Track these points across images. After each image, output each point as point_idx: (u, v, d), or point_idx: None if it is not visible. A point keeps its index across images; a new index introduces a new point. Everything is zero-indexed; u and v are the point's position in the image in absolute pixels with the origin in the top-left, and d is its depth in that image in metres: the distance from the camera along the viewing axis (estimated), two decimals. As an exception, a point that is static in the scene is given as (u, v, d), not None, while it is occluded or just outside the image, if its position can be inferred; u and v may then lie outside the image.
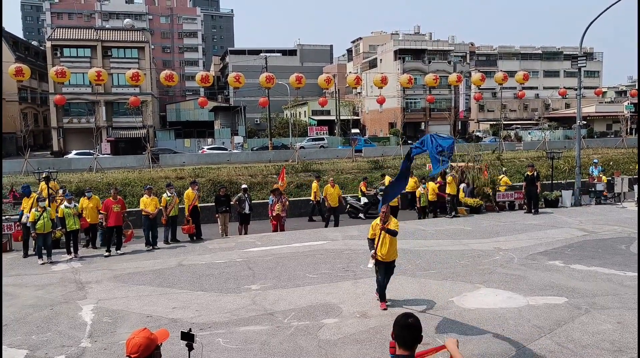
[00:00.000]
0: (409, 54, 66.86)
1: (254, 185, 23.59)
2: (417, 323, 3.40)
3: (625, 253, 12.37)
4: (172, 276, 11.28)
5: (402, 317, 3.45)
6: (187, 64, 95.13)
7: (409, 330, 3.38)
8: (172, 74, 26.78)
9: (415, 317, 3.44)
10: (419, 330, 3.39)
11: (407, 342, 3.37)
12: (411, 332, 3.37)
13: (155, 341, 3.45)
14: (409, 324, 3.39)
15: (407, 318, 3.43)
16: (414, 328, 3.38)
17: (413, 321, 3.40)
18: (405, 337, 3.37)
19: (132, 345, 3.38)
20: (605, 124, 69.89)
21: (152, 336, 3.45)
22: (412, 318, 3.42)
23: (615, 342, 7.08)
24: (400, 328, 3.40)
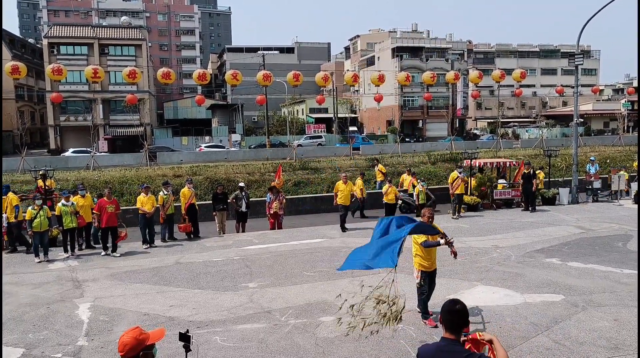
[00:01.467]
0: (406, 51, 66.83)
1: (251, 183, 23.55)
2: (463, 309, 3.55)
3: (622, 250, 12.40)
4: (169, 274, 11.27)
5: (450, 303, 3.60)
6: (185, 61, 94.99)
7: (456, 315, 3.52)
8: (170, 72, 26.70)
9: (462, 303, 3.59)
10: (465, 316, 3.54)
11: (454, 326, 3.52)
12: (458, 317, 3.52)
13: (144, 341, 3.39)
14: (456, 310, 3.53)
15: (455, 305, 3.57)
16: (461, 313, 3.53)
17: (460, 307, 3.55)
18: (452, 321, 3.52)
19: (119, 343, 3.39)
20: (602, 122, 70.06)
21: (141, 336, 3.40)
22: (459, 305, 3.57)
23: (612, 339, 7.09)
24: (446, 313, 3.55)
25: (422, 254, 7.86)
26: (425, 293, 7.87)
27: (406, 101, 66.24)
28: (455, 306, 3.55)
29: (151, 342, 3.43)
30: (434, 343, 3.59)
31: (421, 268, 7.87)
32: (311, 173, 25.65)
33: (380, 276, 10.50)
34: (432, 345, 3.57)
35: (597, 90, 57.36)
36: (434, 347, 3.52)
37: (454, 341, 3.49)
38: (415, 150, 39.00)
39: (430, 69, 52.06)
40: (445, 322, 3.54)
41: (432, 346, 3.55)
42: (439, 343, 3.53)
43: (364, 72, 65.12)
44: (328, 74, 31.95)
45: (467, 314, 3.56)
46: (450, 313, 3.53)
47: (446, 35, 76.25)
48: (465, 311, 3.55)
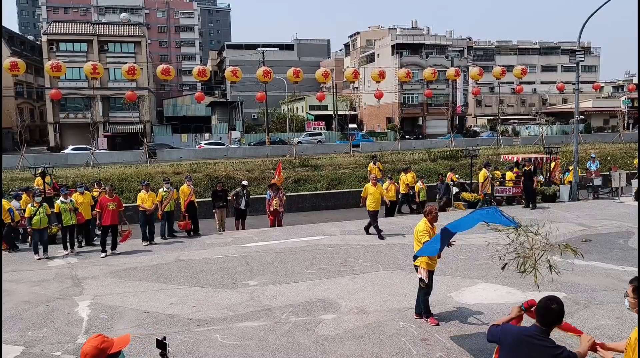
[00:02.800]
0: (406, 48, 66.68)
1: (251, 180, 23.53)
2: (559, 309, 3.67)
3: (623, 247, 12.37)
4: (169, 271, 11.23)
5: (546, 301, 3.71)
6: (184, 58, 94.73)
7: (551, 314, 3.67)
8: (169, 69, 26.65)
9: (559, 303, 3.69)
10: (560, 315, 3.69)
11: (547, 322, 3.68)
12: (552, 316, 3.67)
13: (107, 350, 3.24)
14: (552, 309, 3.66)
15: (551, 304, 3.68)
16: (556, 313, 3.67)
17: (556, 307, 3.67)
18: (546, 317, 3.68)
19: (80, 353, 3.24)
20: (602, 119, 69.93)
21: (103, 345, 3.24)
22: (555, 305, 3.67)
23: (614, 337, 7.07)
24: (542, 309, 3.71)
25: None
26: (429, 292, 7.84)
27: (406, 98, 66.13)
28: (551, 306, 3.66)
29: (115, 349, 3.28)
30: (522, 328, 3.79)
31: (428, 267, 7.81)
32: (311, 170, 25.64)
33: (380, 274, 10.48)
34: (521, 329, 3.77)
35: (597, 87, 57.35)
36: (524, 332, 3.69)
37: (545, 331, 3.66)
38: (415, 147, 38.94)
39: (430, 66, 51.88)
40: (539, 316, 3.70)
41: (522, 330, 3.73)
42: (530, 329, 3.68)
43: (364, 69, 64.98)
44: (328, 71, 31.91)
45: (562, 314, 3.69)
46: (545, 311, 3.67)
47: (446, 32, 76.09)
48: (561, 312, 3.68)
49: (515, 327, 3.85)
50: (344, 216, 18.95)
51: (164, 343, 3.96)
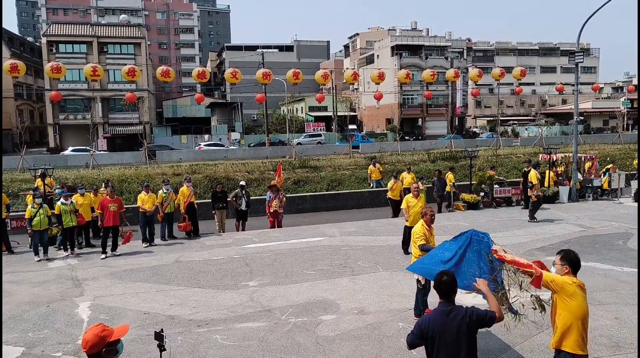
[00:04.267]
0: (406, 50, 66.75)
1: (251, 181, 23.55)
2: (450, 280, 4.31)
3: (622, 248, 12.40)
4: (170, 273, 11.25)
5: (438, 275, 4.39)
6: (184, 60, 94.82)
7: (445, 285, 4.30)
8: (169, 70, 26.67)
9: (449, 274, 4.39)
10: (452, 284, 4.31)
11: (445, 293, 4.29)
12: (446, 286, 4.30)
13: (107, 338, 3.42)
14: (444, 281, 4.30)
15: (442, 276, 4.34)
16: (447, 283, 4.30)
17: (447, 278, 4.32)
18: (442, 289, 4.30)
19: (82, 340, 3.44)
20: (602, 120, 70.02)
21: (103, 333, 3.42)
22: (446, 276, 4.34)
23: (613, 338, 7.09)
24: (438, 284, 4.33)
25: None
26: (427, 293, 7.85)
27: (406, 99, 66.19)
28: (442, 278, 4.32)
29: (114, 338, 3.45)
30: (434, 310, 4.32)
31: None
32: (311, 172, 25.64)
33: (380, 275, 10.50)
34: (434, 311, 4.29)
35: (596, 88, 57.40)
36: (439, 312, 4.23)
37: (449, 304, 4.27)
38: (414, 148, 38.97)
39: (429, 67, 51.99)
40: (437, 291, 4.33)
41: (436, 313, 4.25)
42: (440, 308, 4.26)
43: (363, 70, 65.07)
44: (327, 72, 31.96)
45: (454, 283, 4.32)
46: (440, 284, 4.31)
47: (445, 34, 76.22)
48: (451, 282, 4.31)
49: (433, 311, 4.34)
50: (343, 218, 18.98)
51: (161, 335, 4.13)
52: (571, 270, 4.79)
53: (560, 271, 4.82)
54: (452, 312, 4.20)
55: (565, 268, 4.81)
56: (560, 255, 4.89)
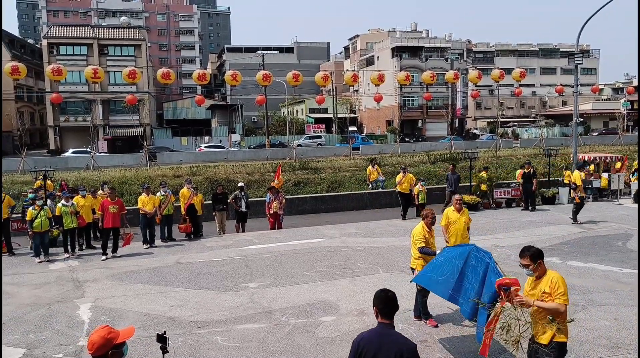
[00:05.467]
0: (406, 51, 66.88)
1: (251, 183, 23.58)
2: (394, 297, 3.97)
3: (622, 249, 12.42)
4: (170, 274, 11.28)
5: (380, 292, 4.01)
6: (184, 61, 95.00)
7: (390, 302, 3.93)
8: (169, 72, 26.74)
9: (392, 291, 4.01)
10: (396, 302, 3.95)
11: (386, 311, 3.93)
12: (391, 303, 3.93)
13: (113, 340, 3.41)
14: (389, 297, 3.95)
15: (387, 292, 3.99)
16: (392, 300, 3.94)
17: (391, 294, 3.97)
18: (386, 306, 3.92)
19: (88, 342, 3.44)
20: (602, 121, 70.06)
21: (110, 335, 3.42)
22: (390, 292, 3.99)
23: (612, 339, 7.11)
24: (380, 301, 3.96)
25: (425, 257, 7.84)
26: (427, 294, 7.87)
27: (406, 101, 66.27)
28: (387, 294, 3.95)
29: (120, 340, 3.44)
30: (371, 330, 3.95)
31: None
32: (311, 173, 25.67)
33: (380, 277, 10.52)
34: (370, 331, 3.93)
35: (596, 89, 57.46)
36: (374, 333, 3.89)
37: (389, 325, 3.91)
38: (414, 150, 39.02)
39: (429, 68, 52.09)
40: (379, 309, 3.94)
41: (371, 332, 3.90)
42: (377, 328, 3.92)
43: (363, 72, 65.13)
44: (327, 74, 32.00)
45: (396, 300, 3.96)
46: (384, 301, 3.93)
47: (445, 35, 76.31)
48: (395, 298, 3.96)
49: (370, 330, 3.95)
50: (343, 219, 18.99)
51: (164, 337, 4.13)
52: (542, 261, 4.97)
53: (537, 270, 4.94)
54: (390, 336, 3.83)
55: (539, 263, 4.93)
56: (526, 256, 4.96)
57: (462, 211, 9.16)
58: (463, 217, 9.10)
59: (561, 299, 4.76)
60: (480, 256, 6.31)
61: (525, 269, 5.05)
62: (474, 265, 6.30)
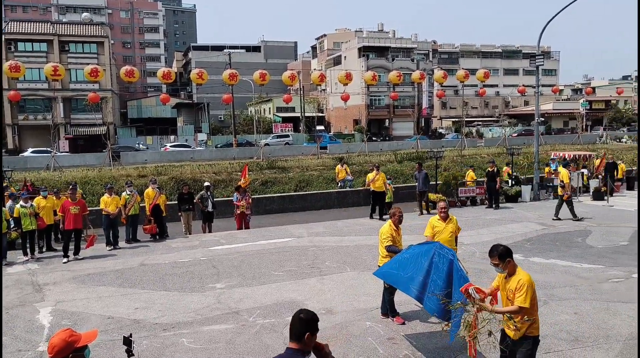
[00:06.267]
0: (372, 51, 67.37)
1: (218, 183, 23.34)
2: (307, 318, 3.45)
3: (581, 245, 12.80)
4: (134, 276, 11.05)
5: (296, 312, 3.52)
6: (149, 59, 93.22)
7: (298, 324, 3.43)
8: (133, 70, 26.19)
9: (306, 312, 3.49)
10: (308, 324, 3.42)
11: (297, 334, 3.40)
12: (300, 326, 3.42)
13: (74, 343, 3.32)
14: (299, 318, 3.45)
15: (299, 313, 3.49)
16: (302, 322, 3.43)
17: (304, 316, 3.46)
18: (295, 329, 3.43)
19: (48, 345, 3.35)
20: (562, 121, 72.16)
21: (71, 338, 3.32)
22: (302, 314, 3.48)
23: (572, 332, 7.31)
24: (292, 322, 3.48)
25: (392, 255, 7.87)
26: (394, 292, 7.93)
27: (373, 100, 66.77)
28: (299, 315, 3.46)
29: (82, 343, 3.36)
30: (279, 355, 3.44)
31: None
32: (279, 172, 25.58)
33: (347, 275, 10.56)
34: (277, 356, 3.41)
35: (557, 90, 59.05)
36: None
37: (297, 351, 3.40)
38: (382, 149, 39.36)
39: (396, 68, 52.60)
40: (290, 330, 3.48)
41: None
42: (284, 354, 3.43)
43: (330, 71, 65.31)
44: (295, 73, 31.94)
45: (310, 322, 3.44)
46: (291, 322, 3.48)
47: (411, 36, 77.15)
48: (309, 320, 3.44)
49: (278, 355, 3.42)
50: (311, 218, 19.00)
51: (129, 340, 4.03)
52: (512, 259, 5.10)
53: (506, 268, 5.06)
54: None
55: (509, 261, 5.05)
56: (495, 256, 5.11)
57: (448, 220, 8.56)
58: (450, 226, 8.51)
59: (518, 300, 4.91)
60: (444, 254, 6.39)
61: (495, 268, 5.19)
62: (437, 263, 6.38)
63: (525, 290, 4.89)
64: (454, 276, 6.08)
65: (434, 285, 6.26)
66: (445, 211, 8.55)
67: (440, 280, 6.17)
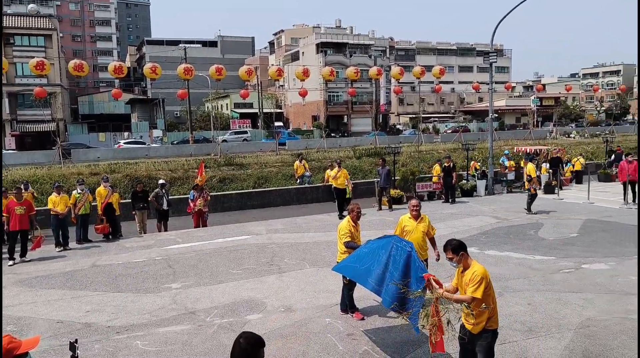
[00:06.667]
0: (330, 47, 67.48)
1: (174, 180, 22.83)
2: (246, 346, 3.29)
3: (534, 238, 13.16)
4: (86, 278, 10.64)
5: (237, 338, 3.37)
6: (101, 54, 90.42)
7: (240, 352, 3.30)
8: (82, 64, 25.25)
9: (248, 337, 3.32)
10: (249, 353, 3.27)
11: None
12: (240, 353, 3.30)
13: (13, 351, 3.18)
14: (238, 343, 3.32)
15: (239, 337, 3.35)
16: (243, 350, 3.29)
17: (243, 343, 3.30)
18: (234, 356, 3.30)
19: None
20: (514, 117, 74.35)
21: (10, 345, 3.18)
22: (242, 339, 3.33)
23: (526, 323, 7.48)
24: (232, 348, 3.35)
25: (351, 251, 7.82)
26: (353, 288, 7.90)
27: (331, 97, 66.91)
28: (238, 340, 3.33)
29: (23, 350, 3.22)
30: None
31: None
32: (237, 169, 25.26)
33: (307, 272, 10.49)
34: None
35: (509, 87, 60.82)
36: None
37: None
38: (340, 145, 39.45)
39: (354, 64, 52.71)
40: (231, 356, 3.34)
41: None
42: None
43: (288, 67, 65.02)
44: (252, 68, 31.56)
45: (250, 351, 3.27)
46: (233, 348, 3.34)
47: (369, 32, 77.67)
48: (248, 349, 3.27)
49: None
50: (270, 215, 18.85)
51: (74, 345, 3.98)
52: (466, 252, 5.16)
53: (461, 262, 5.13)
54: None
55: (463, 255, 5.12)
56: (448, 250, 5.15)
57: (420, 219, 8.03)
58: (421, 225, 7.97)
59: (470, 290, 4.97)
60: (402, 246, 6.39)
61: (450, 262, 5.25)
62: (394, 255, 6.37)
63: (479, 280, 4.95)
64: (411, 266, 6.07)
65: (390, 276, 6.25)
66: (417, 210, 8.06)
67: (396, 272, 6.15)
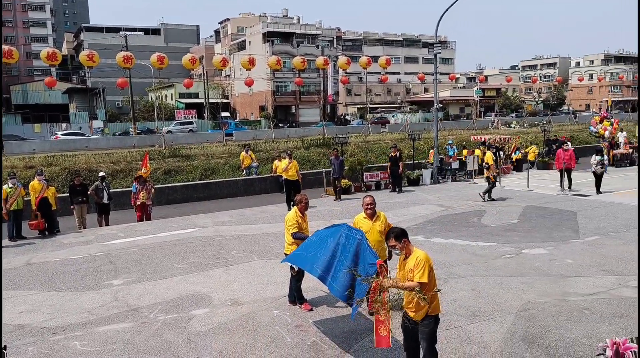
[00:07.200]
0: (277, 37, 66.90)
1: (117, 172, 22.03)
2: None
3: (477, 225, 13.52)
4: (19, 277, 10.06)
5: None
6: (34, 40, 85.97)
7: None
8: (11, 50, 23.77)
9: None
10: None
11: None
12: None
13: None
14: None
15: None
16: None
17: None
18: None
19: None
20: (458, 107, 76.37)
21: None
22: None
23: (470, 308, 7.65)
24: None
25: (298, 242, 7.72)
26: (301, 279, 7.83)
27: (278, 87, 66.45)
28: None
29: None
30: None
31: None
32: (182, 161, 24.65)
33: (254, 264, 10.34)
34: None
35: (453, 78, 62.40)
36: None
37: None
38: (288, 135, 39.26)
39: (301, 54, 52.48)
40: None
41: None
42: None
43: (234, 56, 64.00)
44: (196, 56, 30.79)
45: None
46: None
47: (316, 22, 77.51)
48: None
49: None
50: (217, 207, 18.52)
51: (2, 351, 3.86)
52: (407, 239, 5.22)
53: (403, 249, 5.18)
54: None
55: (404, 241, 5.17)
56: (391, 238, 5.19)
57: (375, 217, 7.47)
58: (377, 224, 7.38)
59: (417, 276, 5.01)
60: (352, 235, 6.34)
61: (393, 250, 5.30)
62: (344, 243, 6.31)
63: (423, 265, 5.00)
64: (360, 254, 6.04)
65: (340, 265, 6.18)
66: (372, 208, 7.43)
67: (347, 260, 6.09)
